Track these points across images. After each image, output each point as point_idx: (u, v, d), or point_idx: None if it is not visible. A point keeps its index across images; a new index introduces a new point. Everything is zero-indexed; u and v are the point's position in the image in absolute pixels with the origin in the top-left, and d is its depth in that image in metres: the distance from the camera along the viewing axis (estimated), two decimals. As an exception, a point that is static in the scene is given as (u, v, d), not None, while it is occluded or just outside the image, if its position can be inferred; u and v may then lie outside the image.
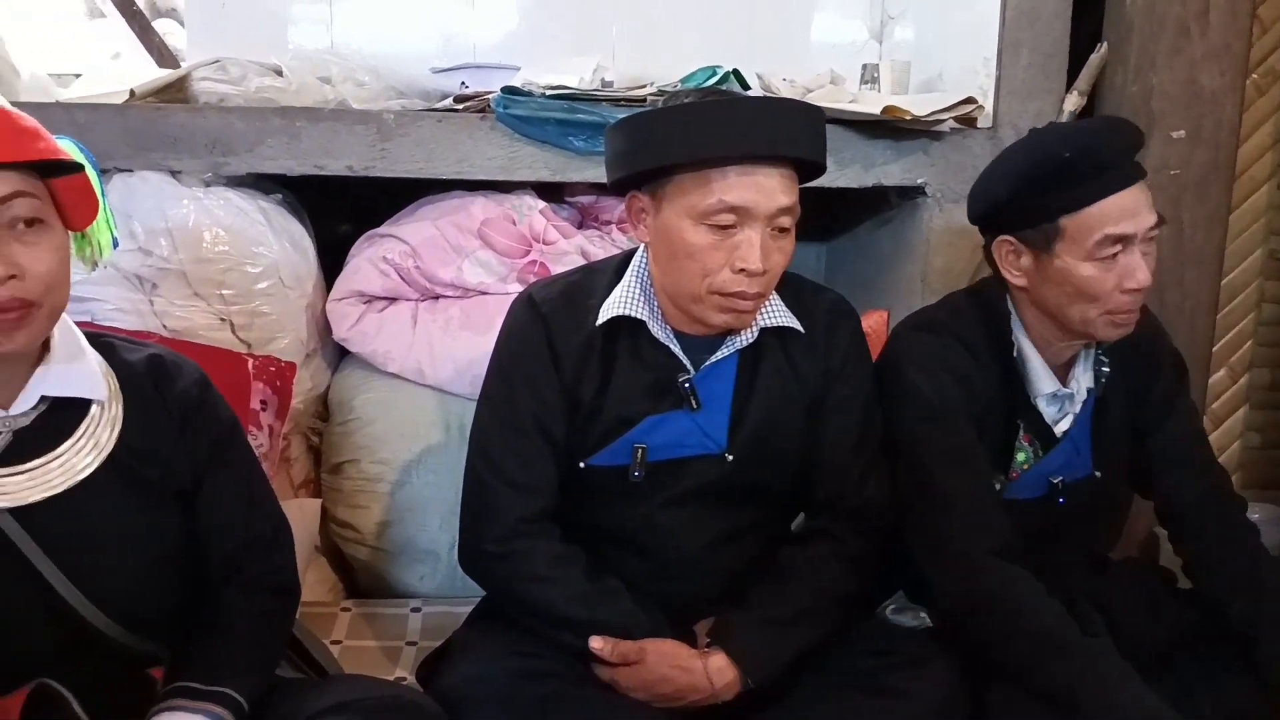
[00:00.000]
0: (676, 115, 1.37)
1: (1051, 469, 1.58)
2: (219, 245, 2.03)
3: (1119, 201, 1.42)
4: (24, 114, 1.17)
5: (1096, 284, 1.44)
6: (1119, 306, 1.46)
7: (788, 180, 1.37)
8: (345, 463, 2.21)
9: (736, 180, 1.33)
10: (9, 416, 1.21)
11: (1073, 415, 1.58)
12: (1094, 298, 1.45)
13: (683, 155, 1.34)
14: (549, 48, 2.67)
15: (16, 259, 1.12)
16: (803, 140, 1.38)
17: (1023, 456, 1.58)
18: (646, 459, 1.47)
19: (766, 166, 1.34)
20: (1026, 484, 1.58)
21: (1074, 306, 1.48)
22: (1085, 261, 1.44)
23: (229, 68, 2.13)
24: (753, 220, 1.35)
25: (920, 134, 2.20)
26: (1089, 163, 1.42)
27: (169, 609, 1.30)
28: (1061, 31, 2.26)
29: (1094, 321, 1.48)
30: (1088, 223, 1.43)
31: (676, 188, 1.37)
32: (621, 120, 1.41)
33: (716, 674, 1.39)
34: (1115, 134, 1.49)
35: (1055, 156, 1.44)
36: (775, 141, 1.35)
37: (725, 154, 1.33)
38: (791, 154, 1.37)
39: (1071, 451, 1.58)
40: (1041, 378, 1.56)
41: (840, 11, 2.85)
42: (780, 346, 1.51)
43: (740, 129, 1.33)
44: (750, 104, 1.42)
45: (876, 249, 2.59)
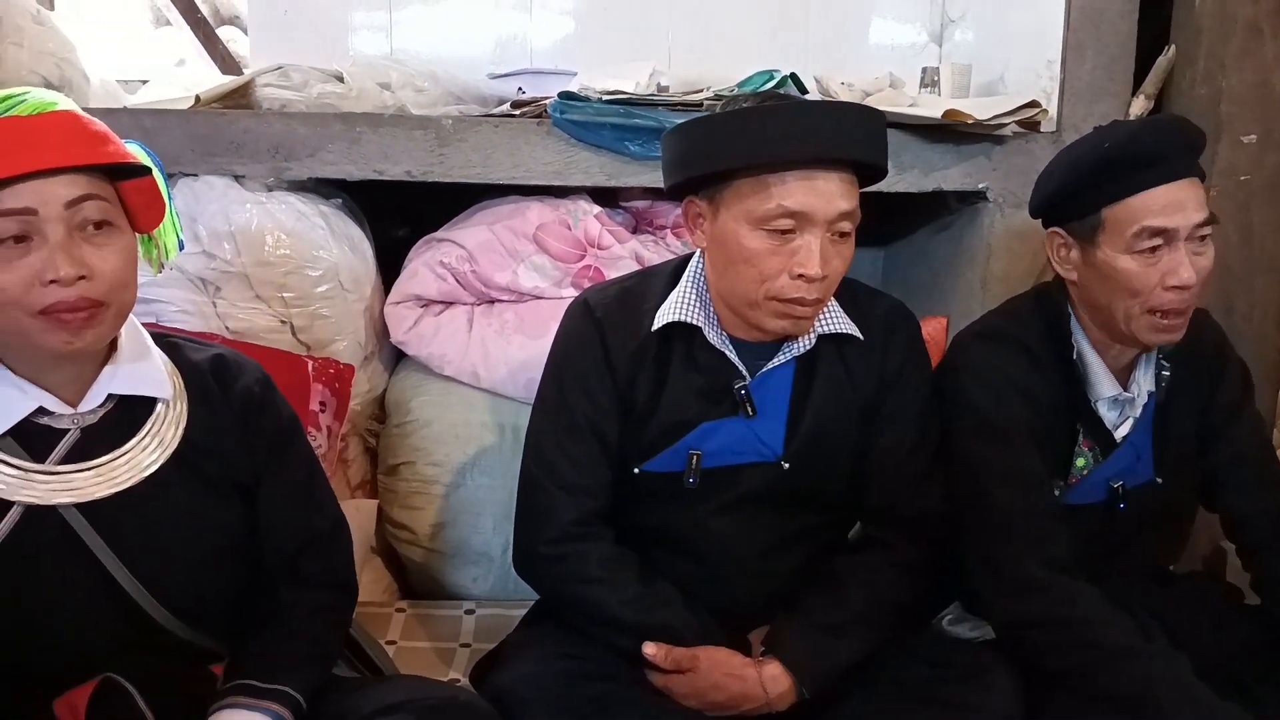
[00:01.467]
0: (735, 120, 1.36)
1: (1111, 474, 1.55)
2: (280, 249, 2.06)
3: (1161, 195, 1.40)
4: (94, 118, 1.19)
5: (1137, 279, 1.43)
6: (1161, 305, 1.43)
7: (848, 185, 1.36)
8: (401, 464, 2.23)
9: (796, 185, 1.32)
10: (77, 414, 1.23)
11: (1133, 419, 1.55)
12: (1134, 293, 1.43)
13: (742, 160, 1.33)
14: (605, 53, 2.68)
15: (86, 260, 1.15)
16: (863, 144, 1.37)
17: (1082, 462, 1.56)
18: (701, 465, 1.46)
19: (826, 171, 1.33)
20: (1086, 489, 1.56)
21: (1116, 303, 1.46)
22: (1125, 254, 1.43)
23: (291, 74, 2.16)
24: (812, 225, 1.34)
25: (982, 138, 2.17)
26: (1130, 155, 1.41)
27: (229, 605, 1.32)
28: (1127, 33, 2.21)
29: (1136, 320, 1.46)
30: (1127, 214, 1.42)
31: (734, 193, 1.36)
32: (679, 125, 1.41)
33: (771, 683, 1.38)
34: (1162, 129, 1.47)
35: (1097, 148, 1.45)
36: (836, 146, 1.34)
37: (786, 159, 1.32)
38: (852, 158, 1.36)
39: (1132, 457, 1.55)
40: (1102, 381, 1.54)
41: (899, 14, 2.83)
42: (837, 353, 1.50)
43: (800, 133, 1.32)
44: (810, 108, 1.41)
45: (934, 254, 2.56)
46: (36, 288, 1.12)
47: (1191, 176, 1.44)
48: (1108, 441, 1.55)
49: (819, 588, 1.48)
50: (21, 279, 1.12)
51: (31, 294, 1.13)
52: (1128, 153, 1.42)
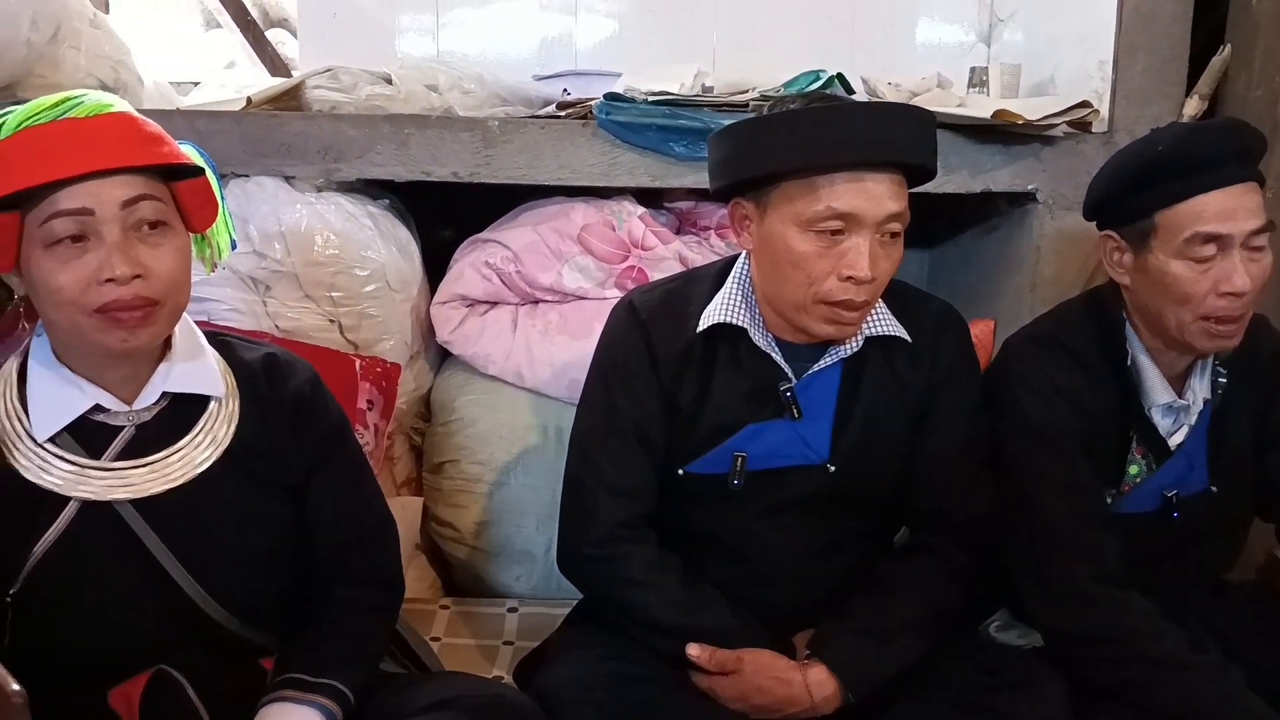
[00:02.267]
0: (784, 122, 1.35)
1: (1165, 483, 1.52)
2: (329, 249, 2.08)
3: (1214, 200, 1.38)
4: (149, 120, 1.21)
5: (1189, 284, 1.40)
6: (1213, 312, 1.40)
7: (897, 186, 1.34)
8: (446, 462, 2.24)
9: (845, 187, 1.31)
10: (133, 411, 1.26)
11: (1187, 427, 1.52)
12: (1186, 299, 1.41)
13: (793, 163, 1.32)
14: (649, 54, 2.69)
15: (142, 259, 1.17)
16: (913, 145, 1.36)
17: (1135, 470, 1.53)
18: (746, 467, 1.46)
19: (876, 172, 1.32)
20: (1139, 498, 1.53)
21: (1168, 309, 1.43)
22: (1176, 259, 1.41)
23: (341, 76, 2.19)
24: (861, 227, 1.33)
25: (1032, 139, 2.15)
26: (1183, 159, 1.39)
27: (279, 600, 1.33)
28: (1181, 34, 2.17)
29: (1189, 328, 1.43)
30: (1179, 219, 1.40)
31: (782, 195, 1.35)
32: (727, 127, 1.41)
33: (816, 686, 1.37)
34: (1218, 133, 1.45)
35: (1150, 151, 1.43)
36: (885, 147, 1.33)
37: (835, 161, 1.31)
38: (902, 160, 1.35)
39: (1186, 465, 1.52)
40: (1156, 388, 1.51)
41: (946, 14, 2.81)
42: (885, 356, 1.48)
43: (851, 135, 1.31)
44: (859, 109, 1.40)
45: (982, 257, 2.53)
46: (93, 287, 1.15)
47: (1248, 181, 1.41)
48: (1161, 449, 1.53)
49: (866, 593, 1.47)
50: (78, 278, 1.14)
51: (88, 293, 1.15)
52: (1181, 156, 1.40)
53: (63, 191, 1.13)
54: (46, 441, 1.21)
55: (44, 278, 1.15)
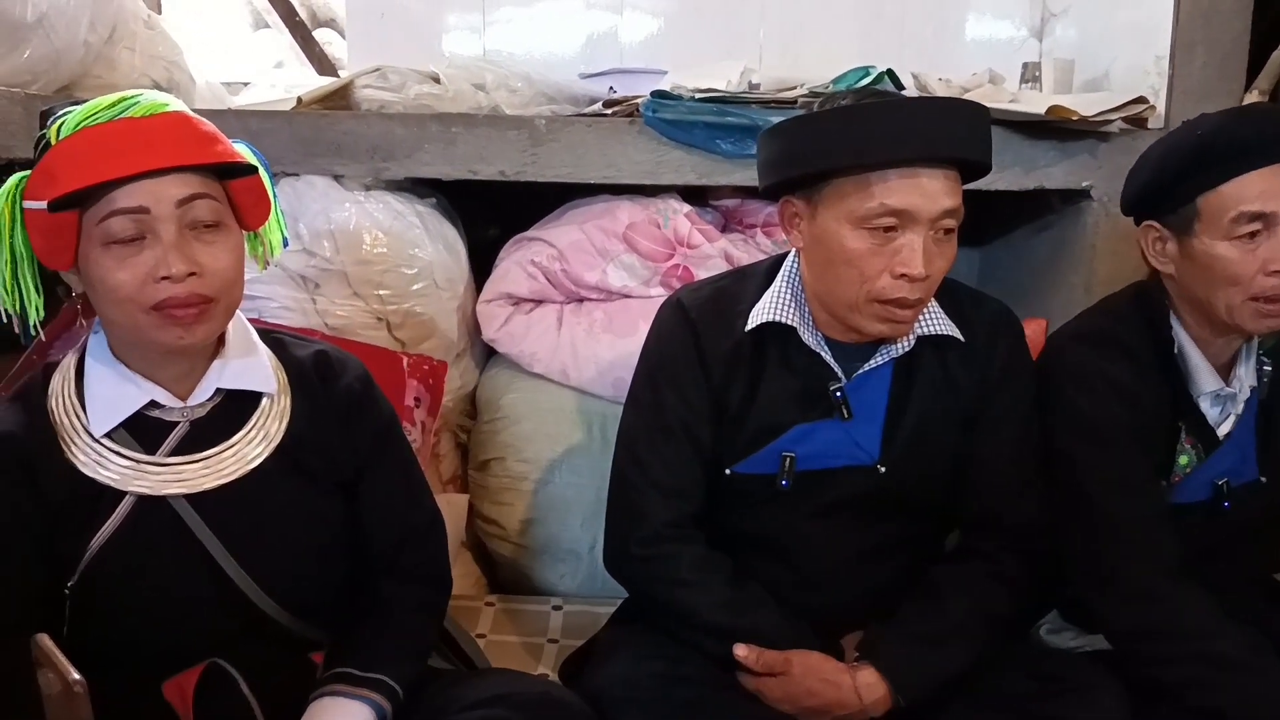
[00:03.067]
0: (837, 118, 1.33)
1: (1216, 472, 1.51)
2: (378, 247, 2.09)
3: (1257, 179, 1.39)
4: (203, 119, 1.23)
5: (1237, 266, 1.40)
6: (1263, 292, 1.40)
7: (951, 182, 1.32)
8: (492, 460, 2.25)
9: (899, 183, 1.29)
10: (187, 407, 1.27)
11: (1234, 416, 1.51)
12: (1235, 280, 1.41)
13: (847, 159, 1.30)
14: (695, 51, 2.68)
15: (197, 257, 1.18)
16: (968, 141, 1.34)
17: (1185, 460, 1.51)
18: (795, 468, 1.44)
19: (930, 168, 1.30)
20: (1190, 488, 1.51)
21: (1218, 292, 1.43)
22: (1223, 241, 1.41)
23: (389, 75, 2.20)
24: (915, 224, 1.31)
25: (1086, 135, 2.11)
26: (1225, 142, 1.40)
27: (330, 595, 1.34)
28: (1241, 29, 2.13)
29: (1239, 310, 1.43)
30: (1223, 201, 1.40)
31: (835, 191, 1.33)
32: (778, 125, 1.39)
33: (866, 690, 1.35)
34: (1256, 116, 1.47)
35: (1190, 136, 1.44)
36: (940, 142, 1.30)
37: (889, 157, 1.29)
38: (957, 155, 1.32)
39: (1236, 455, 1.51)
40: (1204, 375, 1.50)
41: (997, 9, 2.77)
42: (937, 356, 1.46)
43: (905, 131, 1.29)
44: (913, 104, 1.38)
45: (1035, 255, 2.49)
46: (150, 284, 1.16)
47: None
48: (1211, 439, 1.51)
49: (916, 597, 1.45)
50: (135, 276, 1.16)
51: (145, 290, 1.16)
52: (1222, 139, 1.40)
53: (120, 190, 1.15)
54: (103, 437, 1.23)
55: (101, 275, 1.17)
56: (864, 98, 1.38)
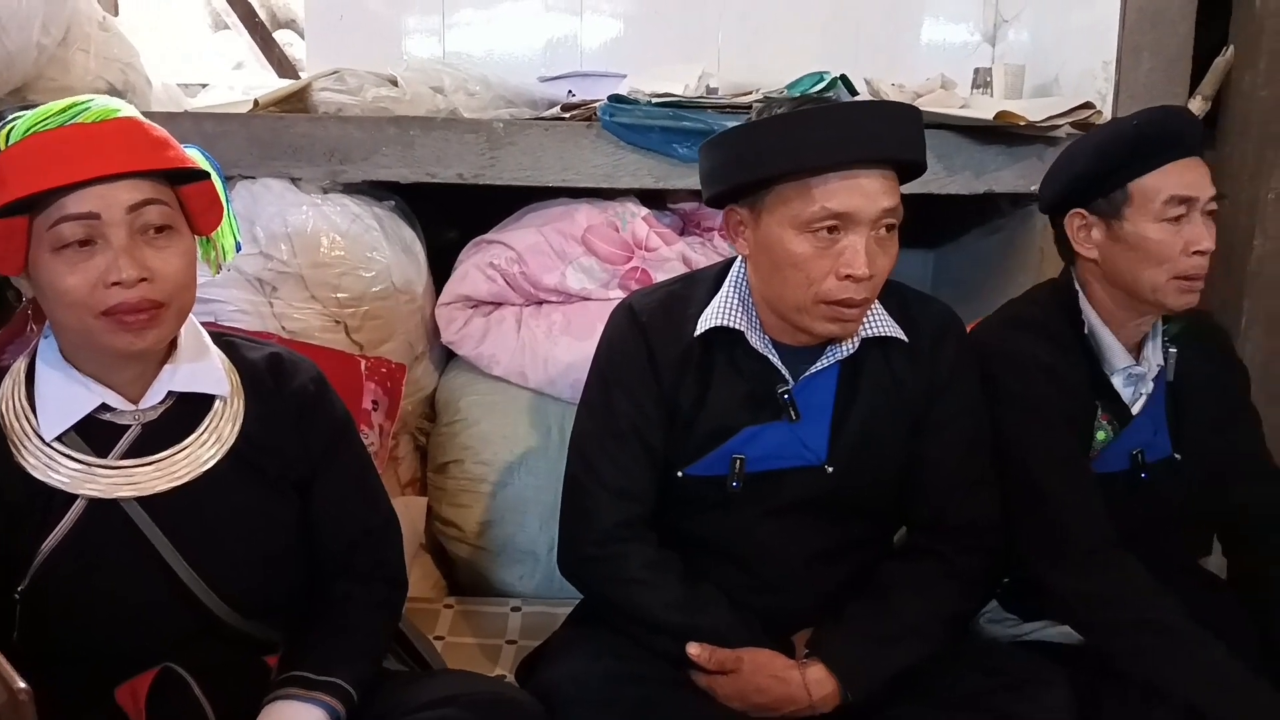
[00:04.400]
0: (775, 126, 1.36)
1: (1131, 444, 1.61)
2: (335, 250, 2.10)
3: (1182, 168, 1.52)
4: (155, 125, 1.23)
5: (1165, 246, 1.52)
6: (1186, 270, 1.52)
7: (889, 182, 1.35)
8: (450, 462, 2.26)
9: (838, 186, 1.32)
10: (138, 410, 1.27)
11: (1145, 395, 1.62)
12: (1163, 260, 1.52)
13: (785, 166, 1.33)
14: (655, 55, 2.69)
15: (148, 262, 1.18)
16: (902, 142, 1.37)
17: (1102, 435, 1.61)
18: (745, 469, 1.46)
19: (867, 170, 1.33)
20: (1108, 459, 1.60)
21: (1145, 271, 1.54)
22: (1154, 223, 1.52)
23: (347, 78, 2.20)
24: (856, 225, 1.34)
25: (1035, 140, 2.15)
26: (1157, 133, 1.53)
27: (284, 597, 1.35)
28: (1186, 34, 2.18)
29: (1164, 287, 1.54)
30: (1156, 185, 1.52)
31: (776, 198, 1.36)
32: (717, 136, 1.42)
33: (815, 685, 1.38)
34: (1178, 114, 1.61)
35: (1126, 128, 1.56)
36: (875, 144, 1.34)
37: (828, 161, 1.32)
38: (892, 156, 1.35)
39: (1149, 430, 1.62)
40: (1115, 353, 1.60)
41: (951, 14, 2.81)
42: (883, 357, 1.49)
43: (841, 135, 1.32)
44: (848, 109, 1.41)
45: (986, 257, 2.54)
46: (100, 289, 1.16)
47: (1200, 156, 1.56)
48: (1124, 415, 1.61)
49: (867, 594, 1.47)
50: (86, 281, 1.16)
51: (95, 295, 1.16)
52: (1156, 130, 1.54)
53: (70, 196, 1.15)
54: (54, 440, 1.23)
55: (52, 280, 1.17)
56: (801, 104, 1.40)
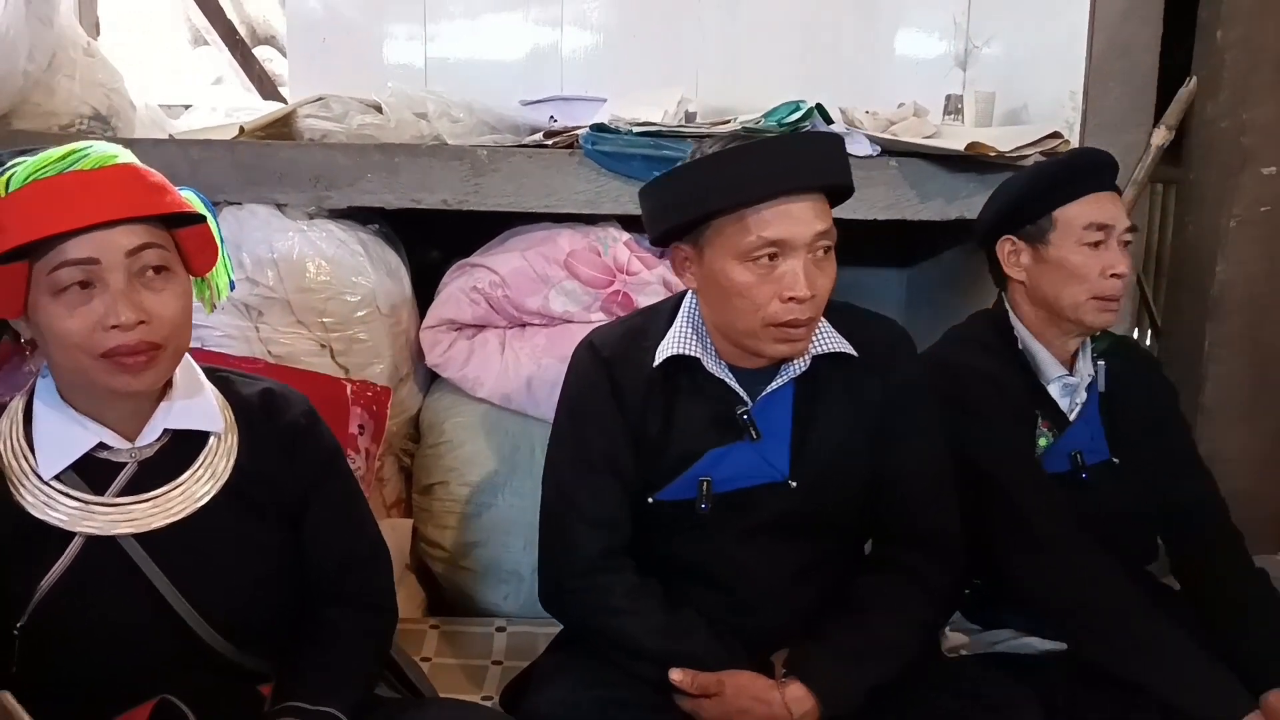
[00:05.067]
0: (707, 165, 1.43)
1: (1069, 446, 1.72)
2: (321, 275, 2.12)
3: (1100, 200, 1.69)
4: (151, 170, 1.26)
5: (1085, 268, 1.67)
6: (1103, 291, 1.67)
7: (820, 206, 1.43)
8: (435, 484, 2.29)
9: (771, 215, 1.39)
10: (135, 448, 1.30)
11: (1080, 404, 1.74)
12: (1083, 280, 1.68)
13: (719, 202, 1.40)
14: (634, 71, 2.73)
15: (145, 305, 1.21)
16: (826, 168, 1.44)
17: (1044, 441, 1.72)
18: (712, 491, 1.51)
19: (798, 198, 1.40)
20: (1049, 462, 1.71)
21: (1066, 290, 1.69)
22: (1077, 246, 1.68)
23: (332, 104, 2.23)
24: (793, 250, 1.40)
25: (1005, 168, 2.20)
26: (1084, 165, 1.73)
27: (276, 627, 1.37)
28: (1151, 64, 2.25)
29: (1083, 305, 1.69)
30: (1077, 213, 1.68)
31: (716, 233, 1.43)
32: (655, 179, 1.49)
33: (795, 704, 1.41)
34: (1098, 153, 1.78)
35: (1056, 160, 1.77)
36: (801, 173, 1.41)
37: (760, 194, 1.39)
38: (819, 183, 1.43)
39: (1086, 434, 1.73)
40: (1049, 364, 1.74)
41: (925, 39, 2.86)
42: (837, 373, 1.54)
43: (768, 168, 1.39)
44: (774, 143, 1.47)
45: (959, 277, 2.60)
46: (99, 332, 1.19)
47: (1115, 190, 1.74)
48: (1062, 421, 1.73)
49: (839, 611, 1.51)
50: (85, 324, 1.19)
51: (94, 338, 1.19)
52: (1080, 164, 1.74)
53: (70, 241, 1.17)
54: (52, 479, 1.26)
55: (51, 323, 1.20)
56: (730, 143, 1.47)
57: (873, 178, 2.21)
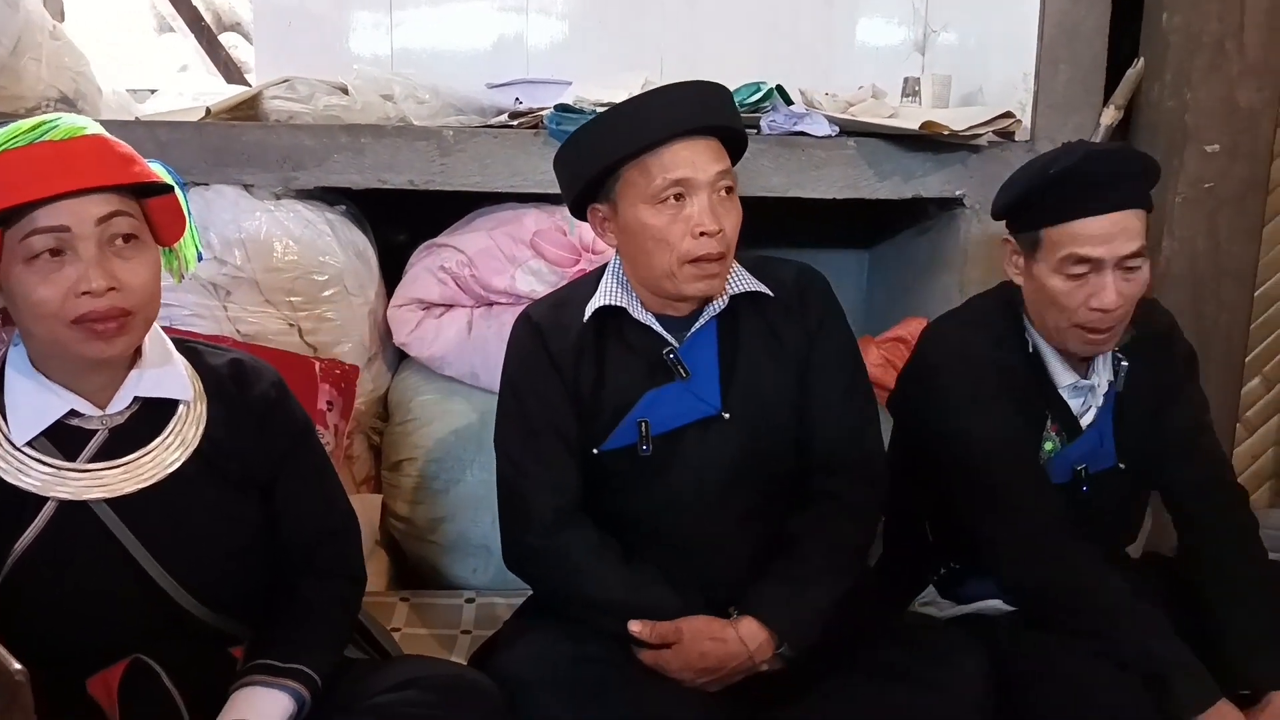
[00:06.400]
0: (602, 121, 1.53)
1: (1075, 458, 1.65)
2: (288, 255, 2.15)
3: (1094, 225, 1.50)
4: (120, 141, 1.28)
5: (1064, 297, 1.54)
6: (1087, 323, 1.54)
7: (717, 149, 1.52)
8: (404, 460, 2.32)
9: (672, 159, 1.48)
10: (106, 415, 1.33)
11: (1095, 408, 1.65)
12: (1062, 309, 1.55)
13: (620, 149, 1.49)
14: (599, 56, 2.77)
15: (116, 273, 1.24)
16: (716, 112, 1.53)
17: (1050, 446, 1.65)
18: (650, 432, 1.57)
19: (693, 141, 1.49)
20: (1052, 471, 1.64)
21: (1048, 313, 1.58)
22: (1054, 274, 1.54)
23: (298, 86, 2.25)
24: (697, 189, 1.49)
25: (959, 147, 2.27)
26: (1072, 182, 1.50)
27: (249, 592, 1.41)
28: (1100, 47, 2.31)
29: (1066, 332, 1.57)
30: (1060, 238, 1.52)
31: (624, 184, 1.51)
32: (563, 145, 1.57)
33: (750, 638, 1.47)
34: (1108, 159, 1.55)
35: (1044, 172, 1.54)
36: (692, 116, 1.50)
37: (653, 137, 1.47)
38: (708, 123, 1.51)
39: (1096, 442, 1.65)
40: (1059, 370, 1.64)
41: (884, 23, 2.91)
42: (756, 311, 1.62)
43: (662, 112, 1.49)
44: (665, 91, 1.54)
45: (916, 257, 2.65)
46: (70, 299, 1.22)
47: (1132, 208, 1.51)
48: (1074, 427, 1.65)
49: (781, 548, 1.58)
50: (57, 291, 1.21)
51: (66, 305, 1.22)
52: (1071, 179, 1.50)
53: (41, 210, 1.20)
54: (25, 445, 1.28)
55: (24, 291, 1.22)
56: None
57: (831, 157, 2.27)
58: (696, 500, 1.58)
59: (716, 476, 1.58)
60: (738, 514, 1.59)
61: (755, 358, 1.60)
